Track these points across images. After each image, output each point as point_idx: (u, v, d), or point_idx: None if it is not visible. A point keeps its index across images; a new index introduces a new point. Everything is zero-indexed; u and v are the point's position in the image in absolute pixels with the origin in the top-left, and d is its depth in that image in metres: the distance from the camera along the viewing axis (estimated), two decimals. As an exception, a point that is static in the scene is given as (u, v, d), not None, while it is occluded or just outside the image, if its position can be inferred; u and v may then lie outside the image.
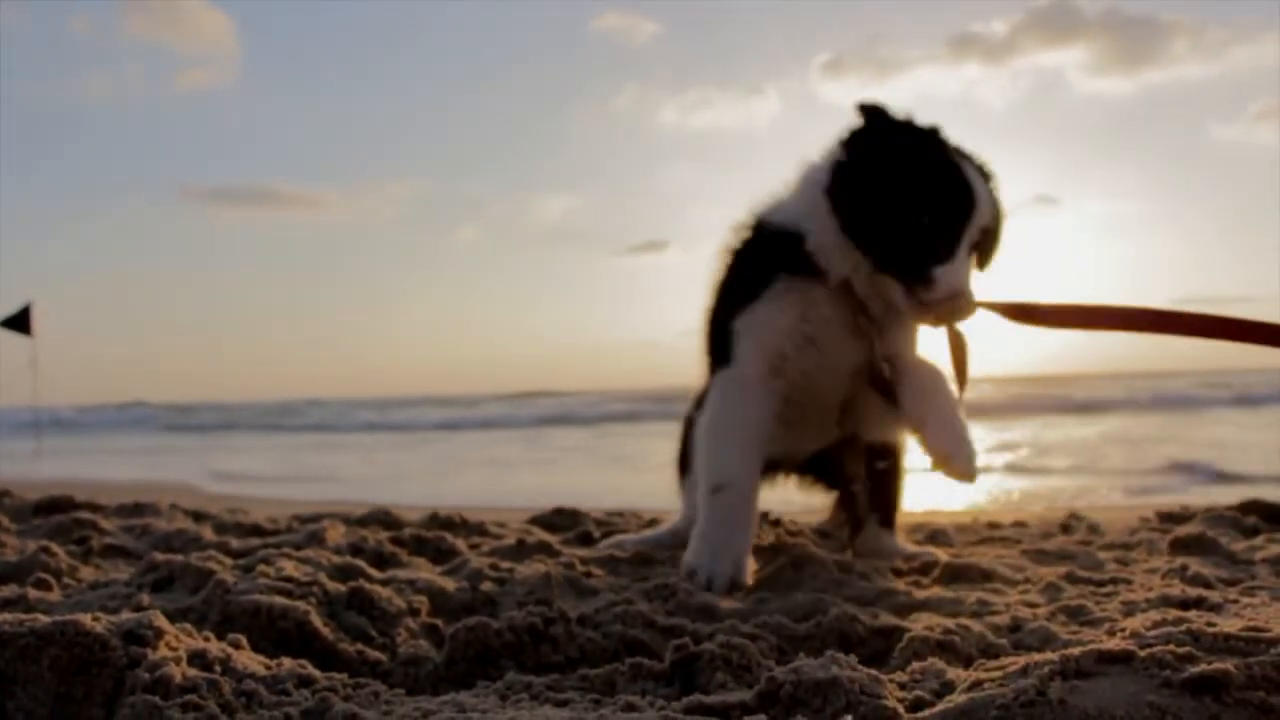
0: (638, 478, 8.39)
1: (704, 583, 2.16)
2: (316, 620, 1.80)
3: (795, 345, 2.31)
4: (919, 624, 1.76)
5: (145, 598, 1.96)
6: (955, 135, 2.28)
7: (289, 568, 2.09)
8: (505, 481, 8.65)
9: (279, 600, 1.83)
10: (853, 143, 2.25)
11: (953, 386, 2.31)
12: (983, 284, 2.30)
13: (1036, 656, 1.38)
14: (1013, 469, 8.04)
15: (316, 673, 1.54)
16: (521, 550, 2.72)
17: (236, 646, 1.55)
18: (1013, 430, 12.32)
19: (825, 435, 2.55)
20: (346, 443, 15.99)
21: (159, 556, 2.22)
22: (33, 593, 2.06)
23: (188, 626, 1.56)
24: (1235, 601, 1.88)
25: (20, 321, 12.64)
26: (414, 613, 1.97)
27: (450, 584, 2.14)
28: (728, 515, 2.24)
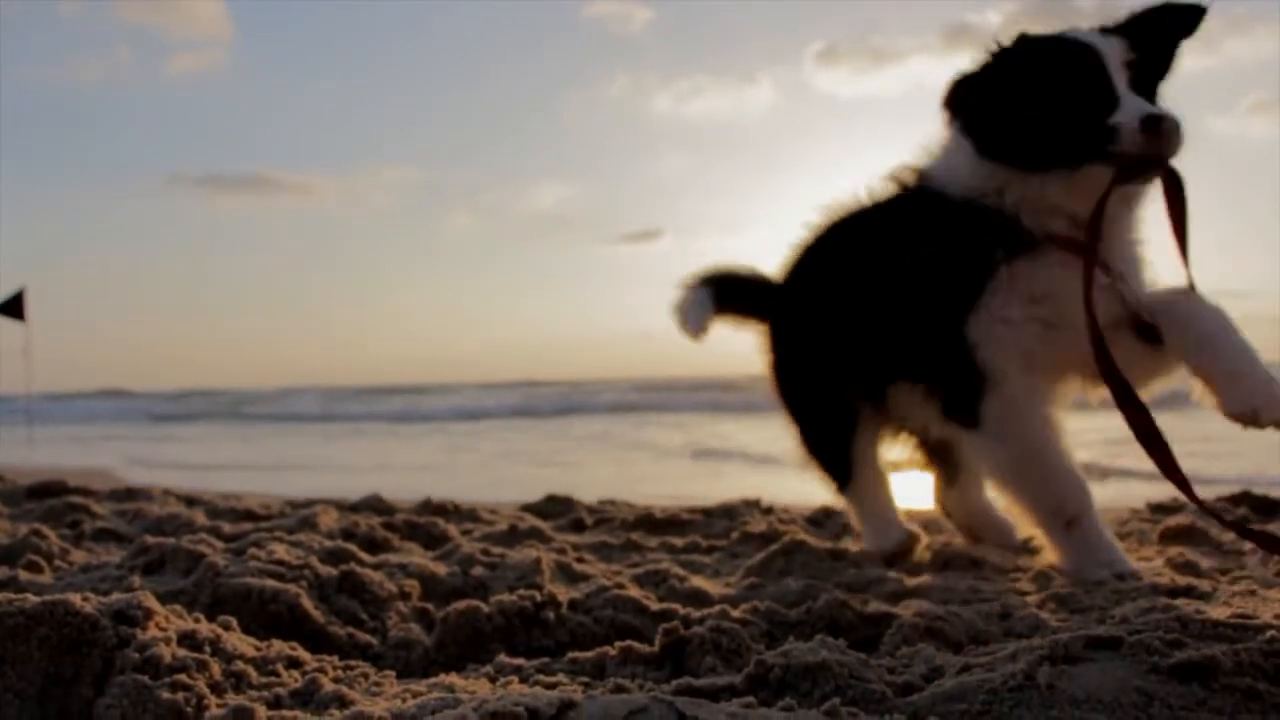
0: (632, 467, 8.40)
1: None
2: (307, 603, 1.80)
3: (1035, 337, 2.08)
4: (909, 610, 1.76)
5: (136, 580, 1.96)
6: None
7: (280, 551, 2.09)
8: (496, 470, 8.64)
9: (270, 583, 1.82)
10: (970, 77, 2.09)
11: (1234, 322, 1.98)
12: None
13: (1025, 642, 1.39)
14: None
15: (306, 654, 1.54)
16: (513, 536, 2.73)
17: (227, 628, 1.55)
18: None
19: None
20: (300, 432, 15.84)
21: (150, 539, 2.21)
22: (23, 574, 2.06)
23: (178, 608, 1.56)
24: (1224, 590, 1.88)
25: (13, 307, 12.60)
26: (405, 596, 1.97)
27: (441, 569, 2.14)
28: (1098, 537, 2.11)
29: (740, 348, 2.82)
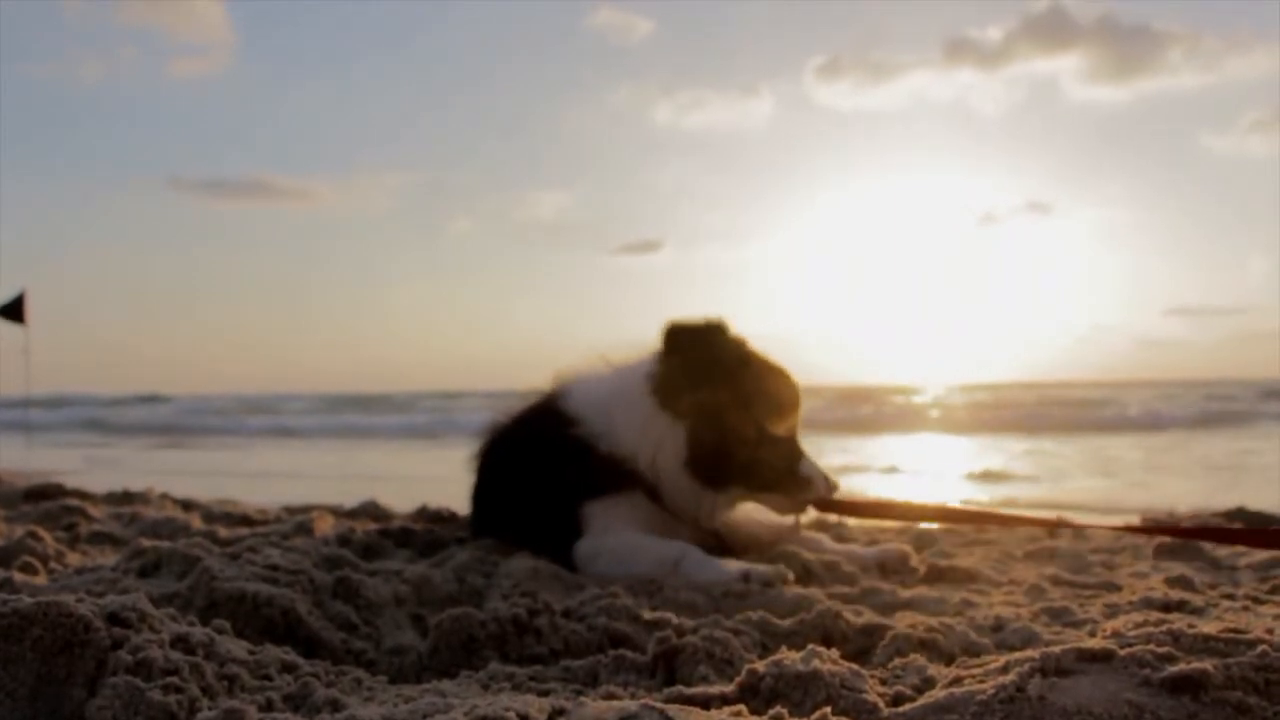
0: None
1: (759, 578, 2.22)
2: (302, 608, 1.80)
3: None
4: (902, 622, 1.77)
5: (131, 582, 1.96)
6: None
7: (276, 556, 2.09)
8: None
9: (264, 587, 1.82)
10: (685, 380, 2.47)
11: None
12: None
13: (1017, 654, 1.39)
14: (1016, 479, 7.94)
15: (300, 659, 1.54)
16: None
17: (221, 632, 1.55)
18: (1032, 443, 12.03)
19: None
20: (295, 440, 15.56)
21: (146, 542, 2.21)
22: (18, 576, 2.06)
23: (172, 611, 1.56)
24: (1217, 605, 1.89)
25: (14, 310, 12.59)
26: (400, 603, 1.97)
27: (437, 575, 2.14)
28: (707, 559, 2.33)
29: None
